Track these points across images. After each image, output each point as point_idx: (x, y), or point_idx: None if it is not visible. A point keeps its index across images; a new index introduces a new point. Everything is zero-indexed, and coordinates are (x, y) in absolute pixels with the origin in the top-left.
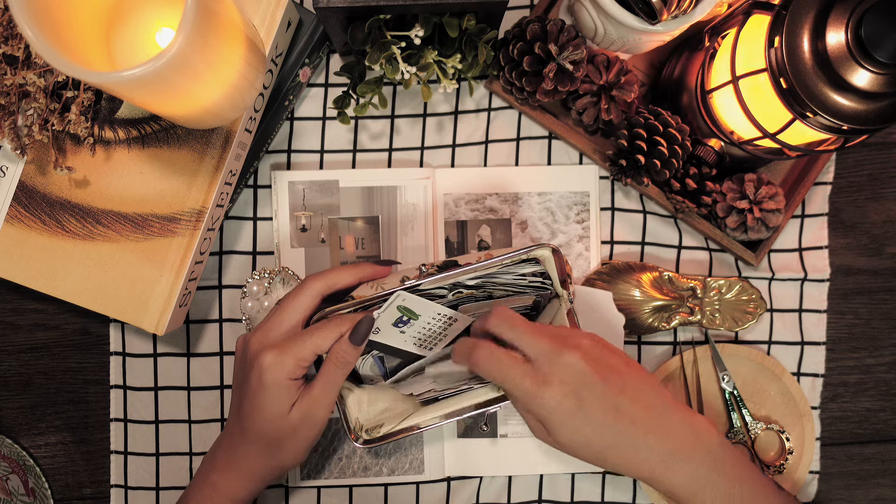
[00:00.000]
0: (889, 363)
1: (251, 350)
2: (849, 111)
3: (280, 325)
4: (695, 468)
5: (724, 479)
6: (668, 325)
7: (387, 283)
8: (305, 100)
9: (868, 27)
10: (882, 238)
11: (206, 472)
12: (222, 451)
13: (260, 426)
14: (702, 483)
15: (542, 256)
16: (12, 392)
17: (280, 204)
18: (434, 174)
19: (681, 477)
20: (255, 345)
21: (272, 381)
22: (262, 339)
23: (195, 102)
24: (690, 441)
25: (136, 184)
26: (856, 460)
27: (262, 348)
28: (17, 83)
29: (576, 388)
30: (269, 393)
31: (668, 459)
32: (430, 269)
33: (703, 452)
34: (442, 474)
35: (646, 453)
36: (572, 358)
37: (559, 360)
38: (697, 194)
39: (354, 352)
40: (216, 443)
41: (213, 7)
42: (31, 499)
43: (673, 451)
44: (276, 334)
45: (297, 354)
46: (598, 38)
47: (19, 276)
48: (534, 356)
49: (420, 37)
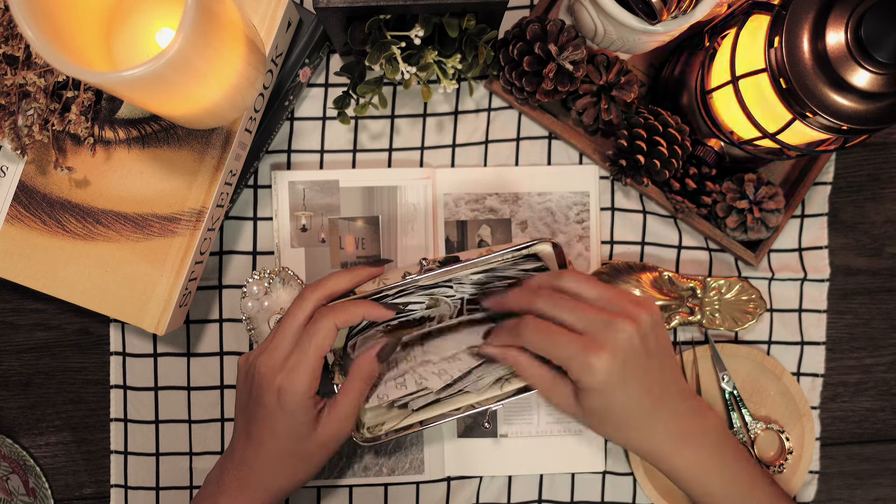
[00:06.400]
0: (889, 363)
1: (260, 373)
2: (849, 111)
3: (284, 343)
4: (700, 452)
5: (725, 465)
6: (668, 326)
7: (389, 277)
8: (305, 100)
9: (868, 27)
10: (882, 238)
11: (214, 496)
12: (231, 475)
13: (283, 446)
14: (705, 466)
15: (542, 252)
16: (12, 392)
17: (280, 204)
18: (434, 174)
19: (687, 458)
20: (263, 367)
21: (292, 402)
22: (270, 361)
23: (195, 102)
24: (701, 427)
25: (136, 184)
26: (855, 460)
27: (271, 370)
28: (17, 83)
29: (625, 359)
30: (291, 415)
31: (678, 440)
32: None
33: (709, 439)
34: (442, 474)
35: (660, 431)
36: (627, 331)
37: (614, 328)
38: (697, 194)
39: (378, 367)
40: (221, 465)
41: (213, 7)
42: (32, 499)
43: (683, 434)
44: (282, 354)
45: (307, 369)
46: (598, 38)
47: (19, 276)
48: (585, 325)
49: (420, 37)
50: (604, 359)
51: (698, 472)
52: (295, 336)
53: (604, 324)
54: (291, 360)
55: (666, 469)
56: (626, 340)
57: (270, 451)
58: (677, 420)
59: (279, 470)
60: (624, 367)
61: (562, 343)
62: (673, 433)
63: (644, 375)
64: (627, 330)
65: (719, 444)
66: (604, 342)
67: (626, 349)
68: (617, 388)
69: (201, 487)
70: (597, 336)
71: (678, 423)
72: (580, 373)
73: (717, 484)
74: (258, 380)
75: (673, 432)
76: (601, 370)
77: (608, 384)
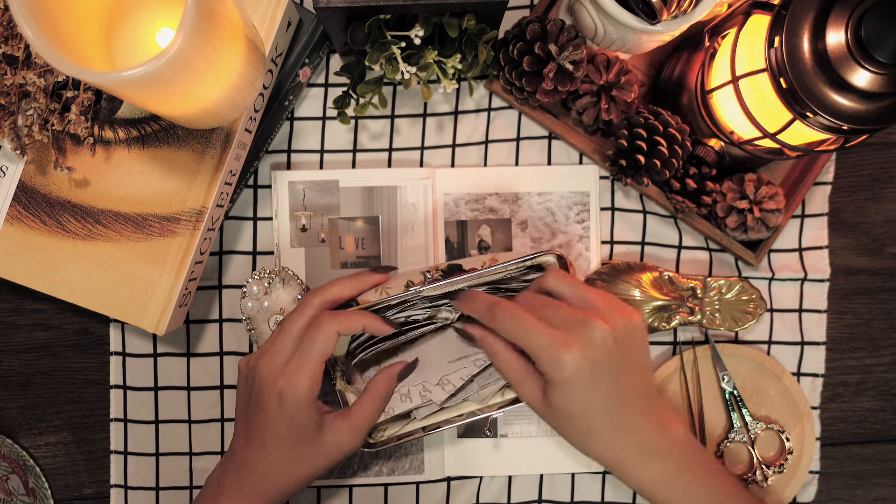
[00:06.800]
0: (889, 363)
1: (261, 376)
2: (849, 111)
3: (285, 346)
4: (666, 466)
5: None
6: (668, 325)
7: (391, 287)
8: (305, 100)
9: (868, 27)
10: (882, 238)
11: (214, 497)
12: (231, 477)
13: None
14: (670, 481)
15: (546, 263)
16: (12, 392)
17: (280, 204)
18: (434, 174)
19: (651, 472)
20: (264, 371)
21: (293, 406)
22: (271, 365)
23: (195, 102)
24: (667, 440)
25: (136, 184)
26: (855, 460)
27: (272, 374)
28: (17, 83)
29: (595, 359)
30: (292, 419)
31: (644, 454)
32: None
33: (674, 453)
34: (442, 474)
35: (624, 442)
36: (601, 330)
37: (588, 327)
38: (697, 194)
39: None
40: (222, 467)
41: (213, 7)
42: (31, 499)
43: (647, 447)
44: (283, 357)
45: (308, 373)
46: (598, 38)
47: (19, 276)
48: (560, 321)
49: (420, 37)
50: (574, 354)
51: (661, 486)
52: (296, 340)
53: (578, 322)
54: (292, 364)
55: (632, 482)
56: (598, 340)
57: (271, 455)
58: (642, 432)
59: (279, 473)
60: (594, 366)
61: (534, 332)
62: (637, 445)
63: (612, 379)
64: (601, 329)
65: (685, 458)
66: (576, 338)
67: (598, 348)
68: (584, 386)
69: (202, 488)
70: (570, 332)
71: (643, 436)
72: (548, 365)
73: (681, 499)
74: (259, 383)
75: (637, 444)
76: (569, 365)
77: (575, 381)
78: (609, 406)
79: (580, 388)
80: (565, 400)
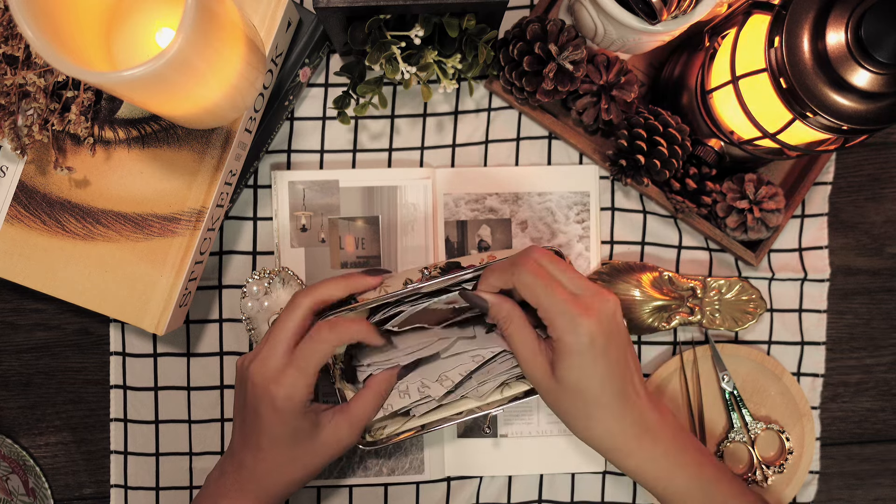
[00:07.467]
0: (889, 363)
1: (254, 382)
2: (849, 111)
3: (276, 348)
4: (667, 447)
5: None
6: (668, 325)
7: (390, 285)
8: (305, 100)
9: (868, 27)
10: (882, 238)
11: (214, 497)
12: (230, 477)
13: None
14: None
15: None
16: (12, 392)
17: (280, 204)
18: (434, 174)
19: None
20: (257, 377)
21: (288, 411)
22: (263, 370)
23: (195, 102)
24: (663, 421)
25: (136, 184)
26: (855, 460)
27: (265, 380)
28: (17, 83)
29: (609, 330)
30: (287, 423)
31: (645, 435)
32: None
33: (671, 434)
34: (442, 474)
35: (626, 425)
36: (614, 304)
37: (602, 298)
38: (697, 194)
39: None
40: (221, 467)
41: (213, 7)
42: (31, 499)
43: (650, 425)
44: (275, 361)
45: (305, 384)
46: (598, 38)
47: (19, 276)
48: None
49: (420, 37)
50: (592, 322)
51: (663, 468)
52: (285, 343)
53: (592, 291)
54: (289, 375)
55: (630, 468)
56: (612, 312)
57: (269, 456)
58: (644, 411)
59: (278, 473)
60: (607, 338)
61: (557, 293)
62: (640, 424)
63: (621, 355)
64: (614, 303)
65: (680, 439)
66: (594, 307)
67: (611, 321)
68: (597, 357)
69: (202, 487)
70: (588, 300)
71: (645, 414)
72: (565, 330)
73: (682, 480)
74: (251, 389)
75: (640, 423)
76: (586, 332)
77: (589, 349)
78: (616, 379)
79: (590, 359)
80: (574, 372)
